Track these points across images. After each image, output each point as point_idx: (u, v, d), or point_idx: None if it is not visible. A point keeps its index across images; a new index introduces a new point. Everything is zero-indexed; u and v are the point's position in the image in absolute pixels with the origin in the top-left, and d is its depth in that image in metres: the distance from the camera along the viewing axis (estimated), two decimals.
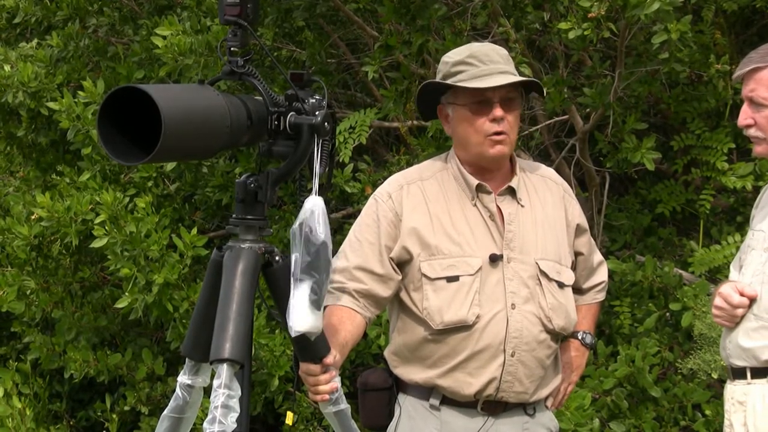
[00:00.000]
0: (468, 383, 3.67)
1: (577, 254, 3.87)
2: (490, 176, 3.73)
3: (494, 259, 3.65)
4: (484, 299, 3.64)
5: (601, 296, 4.00)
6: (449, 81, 3.65)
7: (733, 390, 3.73)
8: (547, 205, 3.78)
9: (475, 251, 3.66)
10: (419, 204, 3.71)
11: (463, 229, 3.68)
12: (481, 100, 3.64)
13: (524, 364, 3.67)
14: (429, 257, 3.66)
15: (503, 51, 3.71)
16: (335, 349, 3.44)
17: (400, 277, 3.70)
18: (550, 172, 3.91)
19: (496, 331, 3.64)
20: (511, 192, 3.73)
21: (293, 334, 3.28)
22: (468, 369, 3.66)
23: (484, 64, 3.62)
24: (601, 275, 3.97)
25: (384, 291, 3.69)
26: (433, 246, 3.66)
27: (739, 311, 3.66)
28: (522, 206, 3.73)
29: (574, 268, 3.85)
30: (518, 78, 3.66)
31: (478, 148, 3.67)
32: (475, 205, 3.70)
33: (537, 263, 3.70)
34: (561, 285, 3.74)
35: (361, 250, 3.70)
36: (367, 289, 3.67)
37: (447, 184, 3.74)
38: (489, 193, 3.71)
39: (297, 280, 3.24)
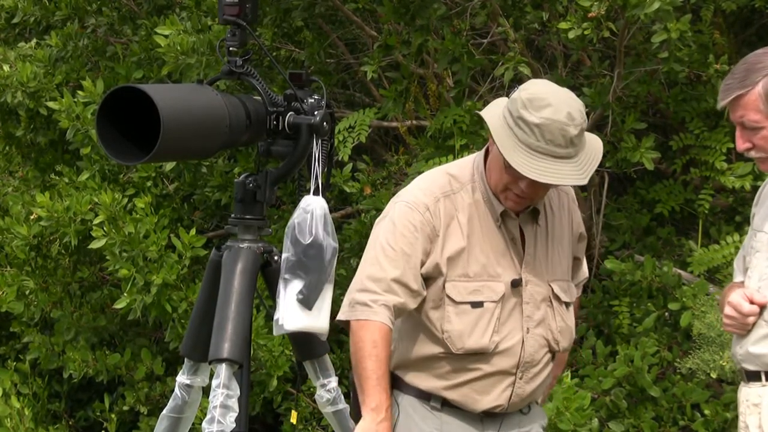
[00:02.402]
0: (475, 400, 3.63)
1: (574, 259, 3.83)
2: None
3: (515, 284, 3.60)
4: (503, 325, 3.60)
5: (580, 290, 3.95)
6: (499, 135, 3.49)
7: (747, 392, 3.67)
8: (558, 220, 3.73)
9: (498, 276, 3.60)
10: (452, 220, 3.60)
11: (489, 251, 3.60)
12: (510, 166, 3.48)
13: (531, 384, 3.65)
14: (455, 278, 3.58)
15: (576, 127, 3.45)
16: (384, 384, 3.49)
17: (426, 294, 3.59)
18: None
19: (512, 355, 3.60)
20: (534, 213, 3.67)
21: (278, 332, 3.26)
22: (476, 387, 3.61)
23: (544, 141, 3.44)
24: (585, 272, 3.93)
25: (412, 305, 3.57)
26: (461, 267, 3.58)
27: (751, 319, 3.60)
28: (539, 225, 3.68)
29: None
30: (554, 180, 3.46)
31: (497, 190, 3.58)
32: (500, 227, 3.63)
33: (551, 286, 3.66)
34: (567, 305, 3.72)
35: (397, 262, 3.54)
36: (402, 303, 3.54)
37: (476, 199, 3.63)
38: (514, 219, 3.63)
39: (284, 279, 3.25)
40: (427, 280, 3.59)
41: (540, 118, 3.43)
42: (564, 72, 5.93)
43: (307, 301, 3.26)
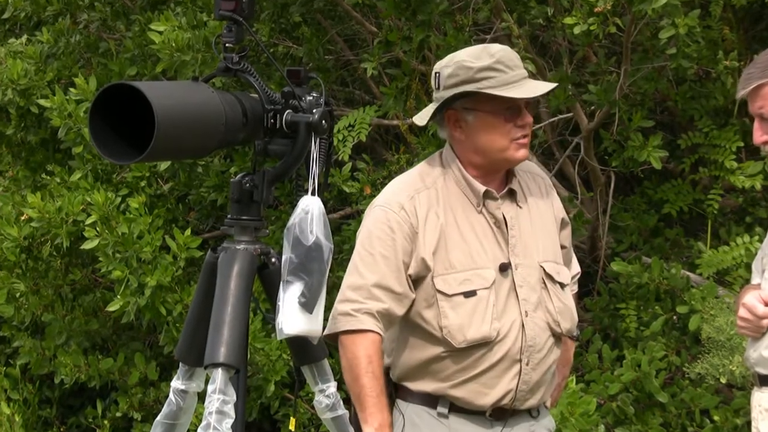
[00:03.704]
0: (483, 393, 3.58)
1: (561, 247, 3.81)
2: (492, 179, 3.65)
3: (504, 268, 3.57)
4: (501, 311, 3.57)
5: (576, 287, 3.93)
6: (483, 88, 3.54)
7: (760, 397, 3.69)
8: (539, 203, 3.73)
9: (486, 262, 3.58)
10: (431, 215, 3.59)
11: (472, 239, 3.59)
12: (510, 107, 3.58)
13: (537, 371, 3.61)
14: (443, 272, 3.55)
15: (514, 52, 3.68)
16: (383, 401, 3.47)
17: (414, 296, 3.56)
18: (533, 166, 3.86)
19: (513, 341, 3.57)
20: (511, 194, 3.67)
21: (280, 337, 3.28)
22: (483, 380, 3.58)
23: (512, 70, 3.57)
24: (577, 266, 3.93)
25: (400, 310, 3.55)
26: (447, 259, 3.56)
27: (765, 322, 3.62)
28: (520, 208, 3.67)
29: None
30: (551, 86, 3.70)
31: (502, 153, 3.59)
32: (481, 212, 3.61)
33: (542, 266, 3.65)
34: (562, 286, 3.70)
35: (375, 266, 3.53)
36: (387, 308, 3.52)
37: (451, 190, 3.63)
38: (495, 199, 3.62)
39: (285, 281, 3.25)
40: (417, 280, 3.56)
41: (494, 54, 3.57)
42: (569, 68, 5.97)
43: (308, 304, 3.27)
